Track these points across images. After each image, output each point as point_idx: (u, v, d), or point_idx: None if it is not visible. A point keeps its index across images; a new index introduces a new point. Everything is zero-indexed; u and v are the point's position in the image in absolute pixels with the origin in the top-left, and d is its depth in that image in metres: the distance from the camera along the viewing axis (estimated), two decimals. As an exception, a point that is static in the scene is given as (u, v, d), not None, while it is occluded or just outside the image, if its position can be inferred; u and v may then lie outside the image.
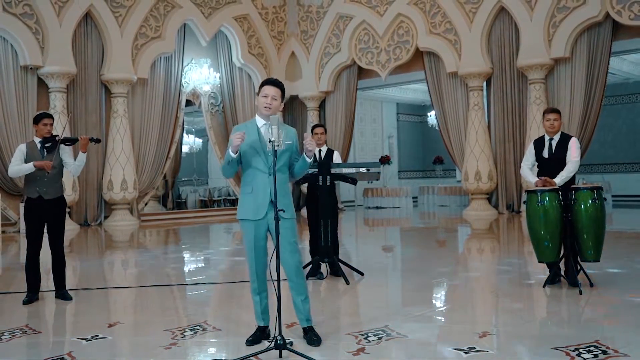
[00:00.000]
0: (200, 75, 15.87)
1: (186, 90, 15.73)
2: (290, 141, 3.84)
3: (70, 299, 5.45)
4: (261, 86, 3.91)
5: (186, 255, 9.40)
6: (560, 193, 5.34)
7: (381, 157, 20.37)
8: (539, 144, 5.74)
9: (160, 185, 17.62)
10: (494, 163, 14.42)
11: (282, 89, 3.91)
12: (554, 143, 5.61)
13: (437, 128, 16.29)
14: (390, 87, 19.88)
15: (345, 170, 6.36)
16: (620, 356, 3.42)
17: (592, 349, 3.54)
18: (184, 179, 20.57)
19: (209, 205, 18.86)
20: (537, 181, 5.52)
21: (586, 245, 5.27)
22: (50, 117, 5.55)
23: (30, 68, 12.72)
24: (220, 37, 16.29)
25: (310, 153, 3.88)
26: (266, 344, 3.72)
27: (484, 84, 14.68)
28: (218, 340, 4.10)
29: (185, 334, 4.17)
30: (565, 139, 5.60)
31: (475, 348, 3.65)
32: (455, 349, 3.64)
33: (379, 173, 6.39)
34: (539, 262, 5.55)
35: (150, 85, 14.67)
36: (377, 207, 18.99)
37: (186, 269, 7.98)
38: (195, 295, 5.92)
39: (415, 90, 21.26)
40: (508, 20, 14.08)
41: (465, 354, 3.55)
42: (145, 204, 15.27)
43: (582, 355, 3.42)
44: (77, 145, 5.58)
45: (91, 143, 5.68)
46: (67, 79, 13.06)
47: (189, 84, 15.79)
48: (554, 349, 3.58)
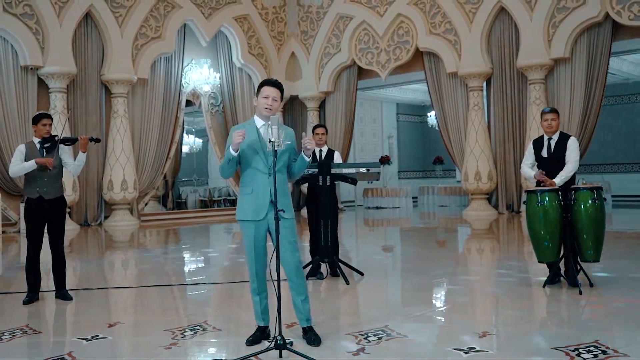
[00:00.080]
0: (200, 76, 15.88)
1: (186, 91, 15.74)
2: (289, 141, 3.84)
3: (70, 299, 5.45)
4: (260, 87, 3.89)
5: (186, 255, 9.41)
6: (560, 193, 5.34)
7: (381, 157, 20.38)
8: (538, 143, 5.75)
9: (161, 185, 17.63)
10: (494, 163, 14.42)
11: (282, 90, 3.91)
12: (553, 143, 5.62)
13: (437, 128, 16.29)
14: (390, 88, 19.88)
15: (345, 171, 6.36)
16: (620, 356, 3.43)
17: (592, 349, 3.55)
18: (184, 179, 20.57)
19: (209, 206, 18.87)
20: (536, 174, 5.53)
21: (586, 245, 5.28)
22: (49, 118, 5.55)
23: (31, 68, 12.72)
24: (220, 38, 16.30)
25: (309, 152, 3.87)
26: (266, 344, 3.73)
27: (484, 84, 14.68)
28: (218, 340, 4.10)
29: (186, 334, 4.17)
30: (564, 138, 5.61)
31: (475, 348, 3.65)
32: (455, 349, 3.64)
33: (379, 173, 6.40)
34: (539, 262, 5.56)
35: (151, 85, 14.68)
36: (377, 207, 18.99)
37: (186, 269, 7.99)
38: (195, 295, 5.92)
39: (415, 91, 21.26)
40: (508, 20, 14.08)
41: (465, 354, 3.55)
42: (146, 204, 15.27)
43: (582, 355, 3.43)
44: (77, 145, 5.58)
45: (91, 143, 5.68)
46: (67, 79, 13.06)
47: (189, 84, 15.80)
48: (554, 349, 3.59)
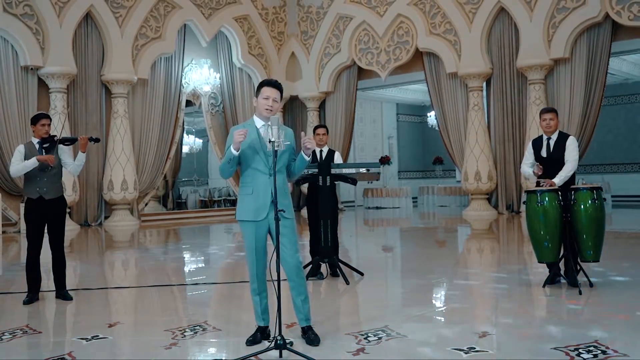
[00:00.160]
0: (200, 76, 15.88)
1: (186, 91, 15.75)
2: (289, 142, 3.84)
3: (70, 299, 5.45)
4: (260, 87, 3.89)
5: (186, 256, 9.41)
6: (559, 193, 5.34)
7: (381, 158, 20.41)
8: (537, 143, 5.75)
9: (161, 185, 17.64)
10: (494, 163, 14.43)
11: (282, 90, 3.91)
12: (552, 142, 5.62)
13: (437, 128, 16.29)
14: (390, 88, 19.88)
15: (345, 171, 6.37)
16: (620, 356, 3.43)
17: (592, 349, 3.55)
18: (184, 179, 20.57)
19: (209, 206, 18.87)
20: (534, 168, 5.54)
21: (586, 245, 5.28)
22: (48, 118, 5.54)
23: (31, 68, 12.73)
24: (220, 38, 16.30)
25: (309, 151, 3.87)
26: (266, 344, 3.73)
27: (484, 84, 14.69)
28: (218, 340, 4.10)
29: (186, 334, 4.17)
30: (563, 138, 5.61)
31: (475, 348, 3.65)
32: (455, 349, 3.64)
33: (378, 173, 6.40)
34: (539, 262, 5.56)
35: (151, 85, 14.68)
36: (377, 208, 19.00)
37: (186, 269, 7.99)
38: (195, 295, 5.92)
39: (415, 91, 21.26)
40: (508, 20, 14.08)
41: (465, 354, 3.56)
42: (146, 204, 15.28)
43: (582, 355, 3.43)
44: (77, 145, 5.58)
45: (90, 143, 5.68)
46: (68, 80, 13.07)
47: (189, 85, 15.81)
48: (554, 349, 3.59)
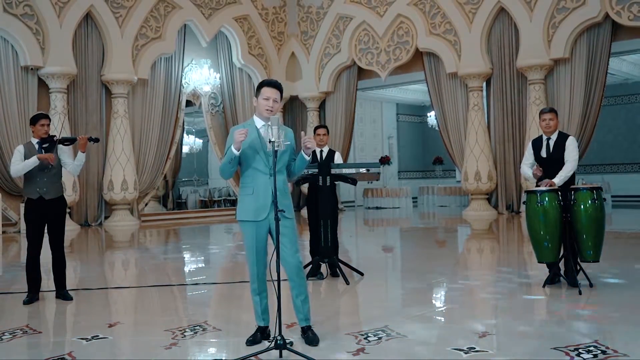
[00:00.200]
0: (200, 76, 15.88)
1: (186, 91, 15.75)
2: (289, 142, 3.84)
3: (70, 299, 5.45)
4: (260, 88, 3.88)
5: (186, 256, 9.42)
6: (559, 193, 5.34)
7: (381, 158, 20.40)
8: (537, 144, 5.75)
9: (161, 185, 17.64)
10: (494, 163, 14.43)
11: (282, 90, 3.91)
12: (552, 143, 5.62)
13: (437, 128, 16.29)
14: (390, 88, 19.88)
15: (345, 171, 6.37)
16: (619, 356, 3.43)
17: (592, 349, 3.55)
18: (184, 180, 20.58)
19: (209, 206, 18.88)
20: (534, 169, 5.54)
21: (586, 245, 5.28)
22: (47, 118, 5.54)
23: (31, 69, 12.73)
24: (220, 38, 16.31)
25: (309, 151, 3.87)
26: (266, 344, 3.73)
27: (484, 84, 14.69)
28: (218, 340, 4.10)
29: (186, 334, 4.17)
30: (562, 138, 5.61)
31: (475, 348, 3.65)
32: (455, 349, 3.65)
33: (378, 173, 6.40)
34: (539, 262, 5.56)
35: (151, 85, 14.68)
36: (377, 208, 19.00)
37: (186, 269, 8.00)
38: (196, 295, 5.92)
39: (415, 91, 21.26)
40: (508, 20, 14.08)
41: (465, 354, 3.56)
42: (146, 205, 15.28)
43: (582, 355, 3.43)
44: (76, 145, 5.58)
45: (90, 142, 5.68)
46: (68, 80, 13.07)
47: (189, 85, 15.81)
48: (554, 349, 3.59)
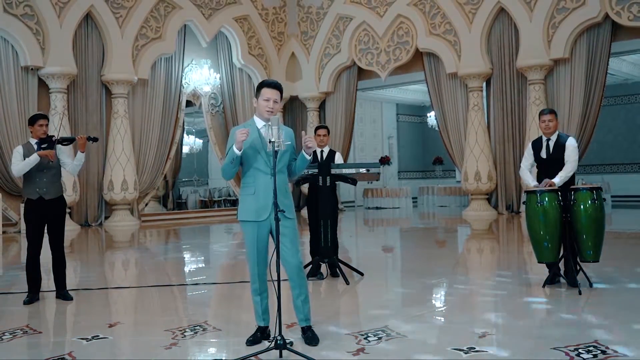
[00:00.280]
0: (200, 76, 15.89)
1: (186, 91, 15.75)
2: (289, 142, 3.85)
3: (70, 299, 5.46)
4: (260, 88, 3.88)
5: (186, 256, 9.42)
6: (559, 193, 5.35)
7: (381, 158, 20.42)
8: (536, 144, 5.75)
9: (161, 185, 17.64)
10: (494, 163, 14.43)
11: (282, 90, 3.91)
12: (552, 143, 5.62)
13: (437, 129, 16.29)
14: (390, 88, 19.89)
15: (345, 171, 6.37)
16: (619, 356, 3.43)
17: (592, 349, 3.55)
18: (184, 180, 20.58)
19: (209, 206, 18.88)
20: (543, 184, 5.51)
21: (585, 245, 5.28)
22: (46, 118, 5.54)
23: (31, 69, 12.73)
24: (220, 38, 16.31)
25: (310, 150, 3.87)
26: (266, 344, 3.73)
27: (484, 84, 14.69)
28: (218, 340, 4.10)
29: (186, 334, 4.17)
30: (562, 139, 5.60)
31: (475, 348, 3.66)
32: (455, 349, 3.65)
33: (378, 174, 6.40)
34: (539, 263, 5.56)
35: (151, 85, 14.69)
36: (377, 208, 19.00)
37: (186, 269, 8.00)
38: (196, 295, 5.92)
39: (415, 91, 21.26)
40: (507, 21, 14.09)
41: (465, 354, 3.56)
42: (146, 205, 15.28)
43: (582, 355, 3.43)
44: (76, 144, 5.59)
45: (89, 142, 5.68)
46: (68, 80, 13.07)
47: (189, 85, 15.81)
48: (554, 349, 3.59)
